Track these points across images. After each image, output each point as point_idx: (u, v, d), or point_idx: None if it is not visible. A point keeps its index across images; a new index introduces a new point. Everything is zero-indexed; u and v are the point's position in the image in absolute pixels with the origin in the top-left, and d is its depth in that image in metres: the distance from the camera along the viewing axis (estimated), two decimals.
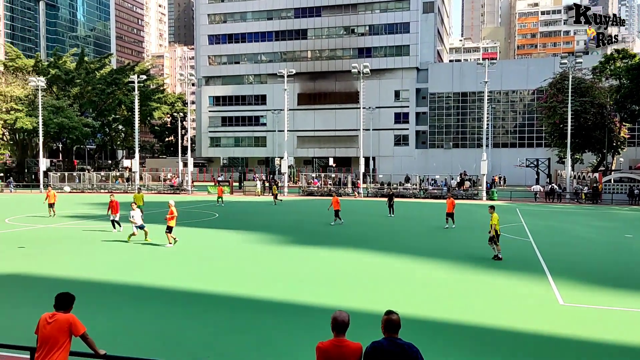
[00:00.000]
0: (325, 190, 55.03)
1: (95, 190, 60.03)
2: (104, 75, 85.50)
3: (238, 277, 14.56)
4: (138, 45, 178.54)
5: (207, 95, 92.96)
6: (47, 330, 5.52)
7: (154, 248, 19.29)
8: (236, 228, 25.41)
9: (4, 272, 14.93)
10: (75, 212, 33.33)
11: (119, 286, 13.33)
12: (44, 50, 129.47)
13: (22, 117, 69.50)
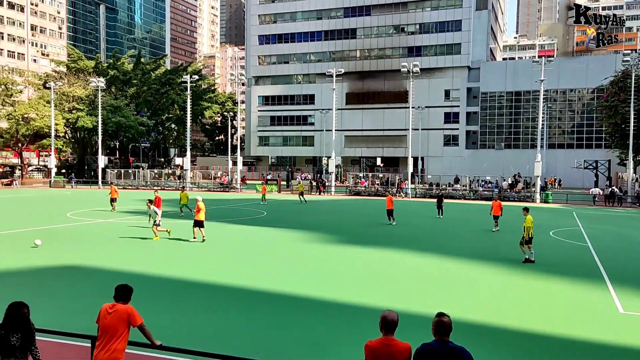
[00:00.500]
0: (372, 190, 54.78)
1: (149, 187, 61.90)
2: (158, 75, 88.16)
3: (284, 274, 14.70)
4: (191, 46, 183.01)
5: (256, 95, 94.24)
6: (107, 320, 5.75)
7: (203, 244, 19.73)
8: (283, 226, 25.65)
9: (65, 264, 15.63)
10: (131, 208, 34.51)
11: (171, 280, 13.71)
12: (103, 52, 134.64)
13: (83, 116, 72.62)
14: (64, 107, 73.70)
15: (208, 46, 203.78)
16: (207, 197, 47.02)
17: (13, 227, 24.09)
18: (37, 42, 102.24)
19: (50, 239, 20.55)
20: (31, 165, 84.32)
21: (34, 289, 12.81)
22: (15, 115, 70.00)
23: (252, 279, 13.86)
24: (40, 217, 28.36)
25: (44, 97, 72.53)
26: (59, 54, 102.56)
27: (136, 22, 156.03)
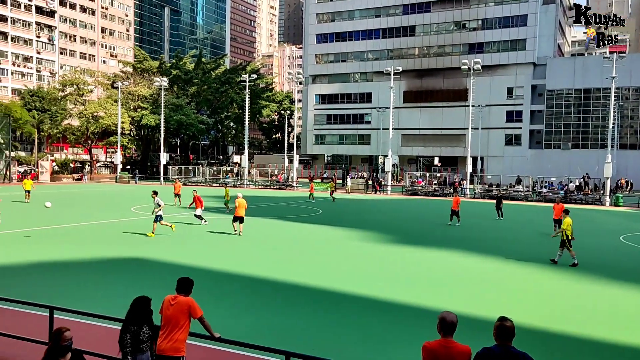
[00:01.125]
0: (429, 190, 53.90)
1: (208, 184, 63.50)
2: (218, 75, 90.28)
3: (340, 272, 14.67)
4: (250, 45, 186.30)
5: (313, 94, 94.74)
6: (170, 311, 5.91)
7: (260, 241, 19.99)
8: (339, 225, 25.63)
9: (129, 256, 16.26)
10: (188, 203, 35.45)
11: (230, 275, 13.97)
12: (167, 53, 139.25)
13: (147, 115, 75.43)
14: (130, 105, 76.79)
15: (266, 45, 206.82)
16: (264, 195, 47.76)
17: (83, 220, 25.30)
18: (106, 44, 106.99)
19: (115, 231, 21.45)
20: (99, 162, 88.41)
21: (101, 279, 13.39)
22: (85, 114, 73.55)
23: (308, 277, 13.91)
24: (106, 211, 29.65)
25: (111, 96, 75.83)
26: (126, 55, 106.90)
27: (198, 23, 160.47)
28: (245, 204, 21.19)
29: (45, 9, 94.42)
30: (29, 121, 67.48)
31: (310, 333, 9.56)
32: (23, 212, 28.10)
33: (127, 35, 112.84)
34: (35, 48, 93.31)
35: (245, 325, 9.77)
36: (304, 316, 10.57)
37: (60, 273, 13.94)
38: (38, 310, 9.03)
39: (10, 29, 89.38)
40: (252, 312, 10.79)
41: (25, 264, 14.84)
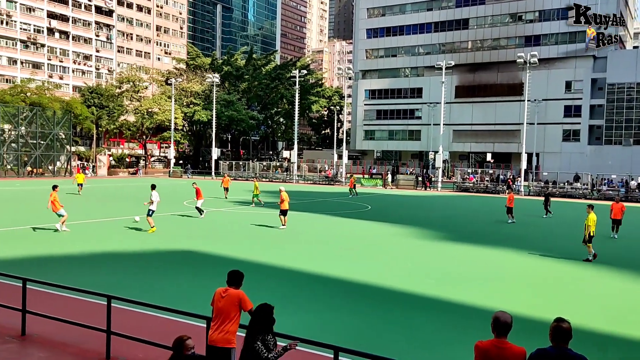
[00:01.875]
0: (481, 186, 52.66)
1: (258, 179, 64.29)
2: (268, 71, 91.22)
3: (389, 269, 14.53)
4: (300, 41, 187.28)
5: (363, 89, 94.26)
6: (221, 304, 5.99)
7: (308, 236, 20.05)
8: (388, 221, 25.40)
9: (181, 249, 16.67)
10: (241, 198, 36.08)
11: (277, 269, 14.08)
12: (219, 49, 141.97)
13: (199, 111, 77.18)
14: (183, 101, 78.74)
15: (316, 41, 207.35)
16: (313, 190, 47.93)
17: (138, 212, 26.15)
18: (161, 41, 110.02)
19: (168, 225, 22.05)
20: (153, 156, 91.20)
21: (155, 270, 13.79)
22: (141, 110, 75.97)
23: (356, 273, 13.84)
24: (160, 205, 30.48)
25: (165, 92, 77.97)
26: (180, 52, 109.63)
27: (249, 20, 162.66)
28: (288, 197, 21.40)
29: (104, 9, 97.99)
30: (88, 117, 70.28)
31: (358, 329, 9.50)
32: (80, 204, 29.27)
33: (181, 32, 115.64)
34: (94, 47, 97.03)
35: (293, 319, 9.80)
36: (352, 312, 10.52)
37: (118, 264, 14.44)
38: (97, 299, 9.36)
39: (72, 28, 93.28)
40: (300, 306, 10.83)
41: (88, 254, 15.46)
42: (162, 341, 7.55)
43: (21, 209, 26.18)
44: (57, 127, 62.13)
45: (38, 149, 60.21)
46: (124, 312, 9.19)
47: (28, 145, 60.24)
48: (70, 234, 18.84)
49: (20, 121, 59.07)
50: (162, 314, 9.20)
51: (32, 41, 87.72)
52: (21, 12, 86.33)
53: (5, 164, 58.39)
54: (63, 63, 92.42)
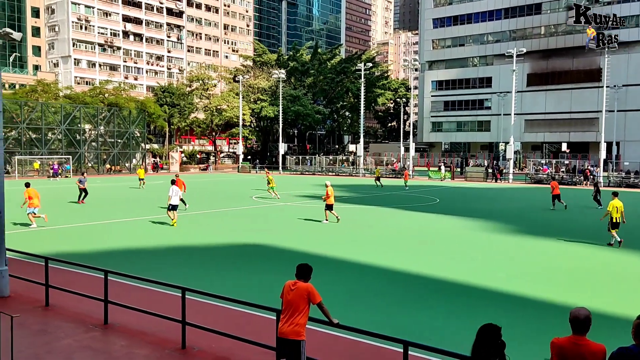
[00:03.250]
0: (556, 178, 50.29)
1: (324, 173, 64.65)
2: (334, 65, 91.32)
3: (458, 263, 14.16)
4: (365, 34, 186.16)
5: (429, 80, 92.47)
6: (290, 296, 6.03)
7: (376, 230, 19.90)
8: (456, 214, 24.80)
9: (249, 242, 17.01)
10: (308, 192, 36.39)
11: (344, 262, 14.06)
12: (284, 45, 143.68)
13: (266, 106, 78.53)
14: (250, 98, 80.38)
15: (382, 33, 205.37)
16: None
17: (210, 207, 26.94)
18: (228, 39, 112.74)
19: (238, 218, 22.57)
20: (223, 152, 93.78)
21: (225, 262, 14.15)
22: (210, 107, 78.28)
23: (425, 267, 13.59)
24: (230, 199, 31.31)
25: (233, 89, 79.87)
26: (246, 49, 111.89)
27: (314, 15, 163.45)
28: (333, 192, 21.38)
29: (174, 10, 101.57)
30: (161, 115, 73.22)
31: (427, 323, 9.32)
32: (152, 200, 30.52)
33: (247, 30, 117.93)
34: (166, 47, 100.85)
35: (361, 313, 9.76)
36: (421, 306, 10.34)
37: (189, 257, 14.94)
38: (172, 291, 9.71)
39: (145, 30, 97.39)
40: (367, 300, 10.76)
41: (161, 248, 16.11)
42: (233, 332, 7.72)
43: (103, 205, 27.63)
44: (133, 126, 65.15)
45: (115, 147, 63.45)
46: (197, 303, 9.48)
47: (106, 144, 63.61)
48: (144, 229, 19.67)
49: (99, 121, 62.43)
50: (232, 306, 9.41)
51: (109, 44, 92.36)
52: (99, 17, 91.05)
53: (86, 162, 61.94)
54: (137, 64, 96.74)
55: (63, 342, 8.16)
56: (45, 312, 9.62)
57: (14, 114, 54.89)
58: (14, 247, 12.08)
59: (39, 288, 10.23)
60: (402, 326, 9.07)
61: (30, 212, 19.38)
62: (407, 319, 9.60)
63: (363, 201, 30.82)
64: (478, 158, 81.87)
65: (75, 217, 22.56)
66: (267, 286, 11.45)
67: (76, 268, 11.42)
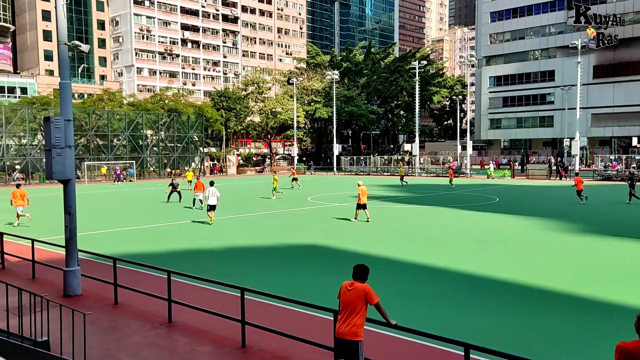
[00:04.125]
0: (627, 174, 47.82)
1: (379, 173, 64.26)
2: (387, 64, 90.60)
3: (519, 264, 13.72)
4: (419, 32, 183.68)
5: (487, 76, 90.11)
6: (347, 297, 6.05)
7: (434, 230, 19.60)
8: (518, 213, 24.04)
9: (304, 243, 17.15)
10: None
11: (401, 263, 13.92)
12: (337, 46, 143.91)
13: (320, 108, 78.90)
14: (304, 100, 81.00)
15: (436, 30, 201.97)
16: (435, 183, 46.83)
17: (266, 209, 27.38)
18: (282, 43, 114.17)
19: (293, 219, 22.80)
20: (278, 154, 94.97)
21: (281, 262, 14.34)
22: (265, 110, 79.49)
23: (486, 268, 13.27)
24: (285, 201, 31.68)
25: (287, 92, 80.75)
26: (300, 51, 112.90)
27: (367, 14, 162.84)
28: (366, 191, 21.56)
29: (229, 16, 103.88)
30: (218, 120, 75.00)
31: (488, 326, 9.09)
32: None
33: (301, 33, 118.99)
34: (222, 53, 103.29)
35: (418, 315, 9.65)
36: (482, 308, 10.09)
37: (246, 257, 15.24)
38: (232, 291, 9.94)
39: (202, 37, 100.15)
40: (425, 301, 10.63)
41: (220, 248, 16.52)
42: (291, 332, 7.81)
43: (165, 207, 28.61)
44: (191, 130, 67.10)
45: (175, 151, 65.54)
46: (255, 303, 9.66)
47: (167, 148, 65.83)
48: (204, 230, 20.21)
49: (160, 127, 64.71)
50: (290, 306, 9.52)
51: (168, 52, 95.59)
52: (159, 26, 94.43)
53: (148, 166, 64.33)
54: (195, 70, 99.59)
55: (131, 339, 8.52)
56: (114, 310, 10.08)
57: (83, 122, 57.77)
58: (84, 248, 12.71)
59: (108, 287, 10.74)
60: (461, 328, 8.90)
61: (20, 211, 21.46)
62: (466, 321, 9.40)
63: (420, 201, 30.44)
64: (540, 155, 79.07)
65: (135, 219, 23.49)
66: (323, 286, 11.51)
67: (141, 268, 11.89)
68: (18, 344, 7.13)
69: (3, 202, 32.16)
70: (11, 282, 8.86)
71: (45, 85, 76.72)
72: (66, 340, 7.28)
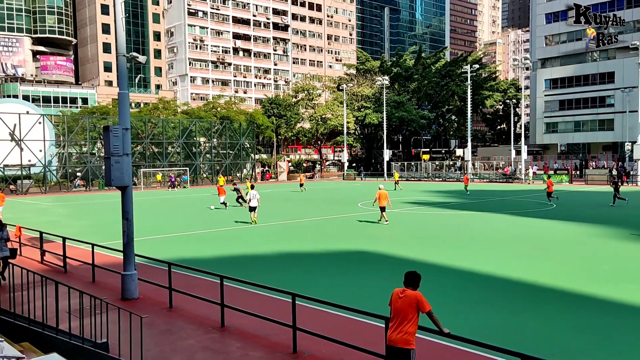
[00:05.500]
0: None
1: (431, 179, 63.34)
2: (438, 68, 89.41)
3: (579, 271, 13.17)
4: (471, 35, 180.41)
5: (542, 79, 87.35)
6: (398, 304, 5.98)
7: (488, 236, 19.11)
8: (576, 219, 23.11)
9: (355, 249, 17.07)
10: (415, 199, 35.85)
11: (451, 270, 13.62)
12: (387, 52, 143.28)
13: (370, 114, 78.70)
14: (354, 106, 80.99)
15: (489, 33, 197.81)
16: (489, 188, 45.73)
17: (316, 214, 27.50)
18: (332, 49, 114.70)
19: (344, 225, 22.78)
20: (328, 160, 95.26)
21: (331, 269, 14.32)
22: (315, 117, 79.98)
23: (541, 275, 12.80)
24: (336, 206, 31.69)
25: (337, 98, 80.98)
26: (350, 58, 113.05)
27: (417, 19, 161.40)
28: (386, 195, 22.51)
29: (280, 25, 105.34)
30: (269, 126, 76.06)
31: (543, 335, 8.75)
32: (267, 207, 31.64)
33: (350, 39, 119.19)
34: (272, 60, 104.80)
35: (471, 323, 9.40)
36: (537, 316, 9.73)
37: (297, 262, 15.32)
38: (283, 297, 10.00)
39: (253, 46, 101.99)
40: (478, 308, 10.35)
41: (272, 254, 16.69)
42: (342, 338, 7.78)
43: (218, 213, 29.20)
44: (243, 137, 68.31)
45: (227, 158, 66.85)
46: (306, 309, 9.68)
47: (219, 155, 67.25)
48: (253, 235, 20.47)
49: (212, 134, 66.23)
50: (341, 312, 9.49)
51: (220, 61, 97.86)
52: (212, 36, 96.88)
53: (201, 172, 65.90)
54: (246, 78, 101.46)
55: (186, 342, 8.72)
56: (169, 314, 10.34)
57: (139, 130, 59.86)
58: (141, 252, 13.12)
59: (164, 291, 11.03)
60: (517, 338, 8.60)
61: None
62: (522, 331, 9.09)
63: (472, 207, 29.78)
64: (600, 159, 75.83)
65: (188, 225, 24.07)
66: (374, 293, 11.42)
67: (195, 273, 12.16)
68: (79, 345, 7.42)
69: (65, 208, 33.70)
70: (73, 285, 9.25)
71: (105, 95, 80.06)
72: (123, 342, 7.52)
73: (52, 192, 49.34)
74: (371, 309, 7.77)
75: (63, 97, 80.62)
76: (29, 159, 50.94)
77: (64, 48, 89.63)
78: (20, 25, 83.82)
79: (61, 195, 47.27)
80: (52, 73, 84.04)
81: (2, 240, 12.48)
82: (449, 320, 8.84)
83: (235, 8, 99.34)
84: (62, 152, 55.11)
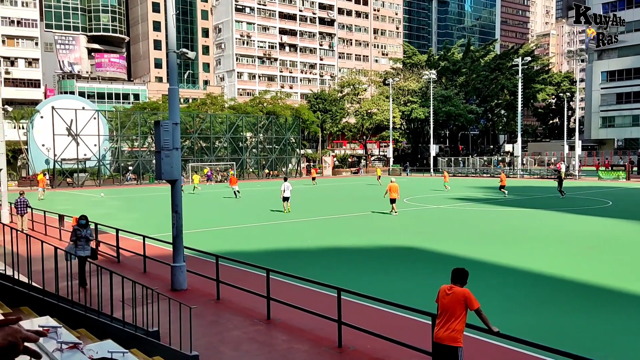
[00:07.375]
0: None
1: (478, 175, 62.04)
2: (487, 62, 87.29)
3: (633, 272, 12.60)
4: (522, 26, 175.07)
5: (598, 71, 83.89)
6: (446, 301, 5.89)
7: (543, 234, 18.56)
8: (634, 218, 22.12)
9: (400, 245, 16.92)
10: (462, 195, 35.22)
11: (503, 267, 13.31)
12: (434, 45, 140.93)
13: (416, 108, 77.73)
14: (400, 100, 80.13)
15: (541, 24, 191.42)
16: (540, 185, 44.46)
17: (361, 209, 27.45)
18: (378, 43, 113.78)
19: (391, 221, 22.63)
20: (373, 155, 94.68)
21: (376, 264, 14.26)
22: (360, 111, 79.61)
23: (596, 275, 12.35)
24: (381, 201, 31.51)
25: (383, 93, 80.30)
26: (396, 52, 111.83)
27: (466, 11, 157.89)
28: (396, 188, 23.77)
29: (326, 19, 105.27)
30: (314, 122, 76.20)
31: (598, 337, 8.44)
32: (313, 202, 31.76)
33: (397, 33, 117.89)
34: (318, 55, 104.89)
35: (523, 322, 9.16)
36: (590, 317, 9.40)
37: (342, 257, 15.32)
38: (328, 291, 10.03)
39: (299, 41, 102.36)
40: (527, 307, 10.09)
41: (318, 248, 16.77)
42: (388, 334, 7.73)
43: (265, 207, 29.57)
44: (288, 132, 68.76)
45: (273, 153, 67.49)
46: (351, 303, 9.67)
47: (265, 150, 67.97)
48: (298, 229, 20.59)
49: (258, 129, 66.96)
50: (386, 308, 9.43)
51: (267, 57, 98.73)
52: (258, 32, 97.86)
53: (247, 167, 66.80)
54: (292, 73, 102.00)
55: (233, 333, 8.88)
56: (217, 305, 10.56)
57: (188, 125, 61.21)
58: (189, 245, 13.43)
59: (211, 283, 11.27)
60: (570, 339, 8.33)
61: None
62: (573, 329, 8.79)
63: (522, 204, 29.00)
64: None
65: (234, 218, 24.46)
66: (421, 289, 11.30)
67: (241, 266, 12.35)
68: (132, 332, 7.68)
69: (119, 201, 34.90)
70: (126, 275, 9.56)
71: (155, 91, 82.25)
72: (174, 332, 7.73)
73: (105, 185, 51.16)
74: (418, 305, 7.69)
75: (116, 93, 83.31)
76: (84, 153, 53.02)
77: (117, 45, 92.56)
78: (77, 23, 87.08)
79: (114, 188, 48.96)
80: (106, 70, 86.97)
81: (83, 239, 11.87)
82: (498, 318, 8.65)
83: (281, 3, 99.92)
84: (115, 146, 57.03)
